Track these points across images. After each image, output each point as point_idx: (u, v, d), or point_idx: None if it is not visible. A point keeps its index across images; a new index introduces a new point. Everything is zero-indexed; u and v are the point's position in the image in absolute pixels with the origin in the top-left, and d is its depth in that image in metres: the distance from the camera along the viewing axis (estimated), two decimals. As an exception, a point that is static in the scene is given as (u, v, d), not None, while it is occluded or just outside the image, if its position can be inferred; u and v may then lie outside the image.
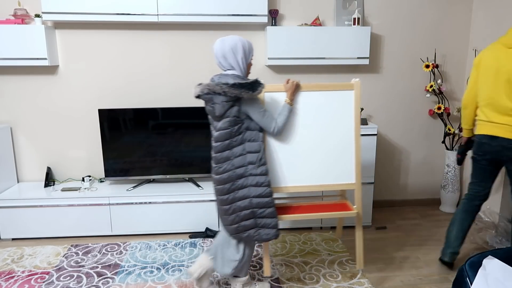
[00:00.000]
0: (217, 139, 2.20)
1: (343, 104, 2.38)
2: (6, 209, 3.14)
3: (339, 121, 2.39)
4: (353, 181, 2.43)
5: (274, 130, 2.23)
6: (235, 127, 2.17)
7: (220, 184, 2.22)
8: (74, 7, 3.05)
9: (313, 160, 2.39)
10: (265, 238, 2.29)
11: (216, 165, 2.22)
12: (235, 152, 2.19)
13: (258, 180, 2.20)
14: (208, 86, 2.13)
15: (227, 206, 2.23)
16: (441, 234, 3.33)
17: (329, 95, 2.37)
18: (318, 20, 3.38)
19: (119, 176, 3.35)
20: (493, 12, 3.38)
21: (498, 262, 1.70)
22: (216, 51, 2.17)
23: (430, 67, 3.51)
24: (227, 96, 2.09)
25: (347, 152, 2.41)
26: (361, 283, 2.59)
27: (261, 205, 2.23)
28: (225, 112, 2.14)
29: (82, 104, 3.44)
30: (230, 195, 2.21)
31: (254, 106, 2.16)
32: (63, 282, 2.61)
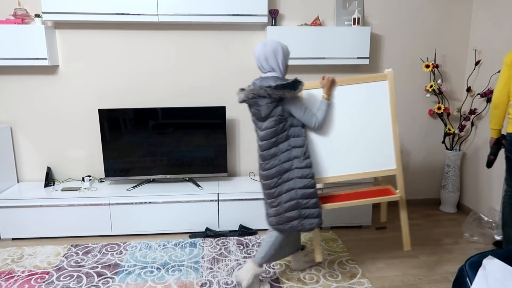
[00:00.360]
0: (263, 138, 2.34)
1: (378, 94, 2.48)
2: (6, 209, 3.14)
3: (376, 110, 2.49)
4: (394, 167, 2.53)
5: (315, 125, 2.36)
6: (280, 125, 2.32)
7: (268, 179, 2.37)
8: (74, 7, 3.05)
9: (353, 149, 2.49)
10: (308, 228, 2.41)
11: (263, 162, 2.38)
12: (281, 148, 2.34)
13: (303, 173, 2.34)
14: (253, 91, 2.27)
15: (273, 199, 2.38)
16: (441, 234, 3.33)
17: (364, 87, 2.47)
18: (318, 20, 3.38)
19: (119, 176, 3.35)
20: (493, 12, 3.38)
21: (498, 262, 1.70)
22: (258, 54, 2.33)
23: (430, 67, 3.51)
24: (271, 97, 2.25)
25: (385, 139, 2.51)
26: (361, 283, 2.59)
27: (306, 196, 2.36)
28: (270, 112, 2.29)
29: (82, 104, 3.44)
30: (277, 188, 2.36)
31: (296, 104, 2.31)
32: (63, 282, 2.61)
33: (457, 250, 3.06)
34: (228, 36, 3.44)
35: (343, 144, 2.49)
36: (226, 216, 3.30)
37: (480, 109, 3.52)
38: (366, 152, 2.50)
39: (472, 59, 3.65)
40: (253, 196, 3.28)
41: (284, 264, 2.81)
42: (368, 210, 3.41)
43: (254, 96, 2.28)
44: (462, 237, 3.27)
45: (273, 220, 2.42)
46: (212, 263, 2.83)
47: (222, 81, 3.52)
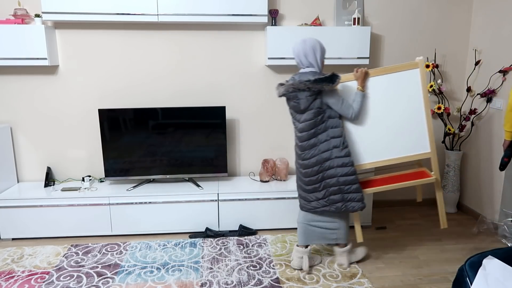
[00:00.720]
0: (302, 130, 2.52)
1: (410, 82, 2.61)
2: (6, 209, 3.14)
3: (408, 97, 2.62)
4: (428, 150, 2.67)
5: (352, 115, 2.53)
6: (319, 117, 2.49)
7: (308, 167, 2.56)
8: (74, 7, 3.05)
9: (389, 136, 2.65)
10: (352, 210, 2.62)
11: (302, 152, 2.56)
12: (320, 138, 2.51)
13: (344, 161, 2.52)
14: (293, 85, 2.43)
15: (317, 185, 2.58)
16: (441, 234, 3.33)
17: (396, 76, 2.61)
18: (318, 20, 3.38)
19: (119, 176, 3.35)
20: (493, 12, 3.38)
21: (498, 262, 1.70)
22: (298, 50, 2.50)
23: (430, 67, 3.50)
24: (311, 91, 2.42)
25: (419, 125, 2.65)
26: (361, 283, 2.59)
27: (347, 183, 2.56)
28: (309, 105, 2.47)
29: (82, 104, 3.44)
30: (320, 175, 2.56)
31: (333, 97, 2.48)
32: (63, 282, 2.61)
33: (457, 250, 3.06)
34: (228, 36, 3.44)
35: (379, 132, 2.65)
36: (226, 216, 3.30)
37: (480, 109, 3.52)
38: (402, 137, 2.66)
39: (472, 59, 3.64)
40: (253, 196, 3.28)
41: (284, 264, 2.81)
42: (368, 210, 3.41)
43: (294, 90, 2.45)
44: (462, 237, 3.27)
45: (319, 203, 2.62)
46: (212, 263, 2.83)
47: (222, 81, 3.52)
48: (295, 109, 2.55)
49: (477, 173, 3.60)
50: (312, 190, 2.61)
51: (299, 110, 2.52)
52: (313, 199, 2.63)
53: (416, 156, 2.68)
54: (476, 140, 3.61)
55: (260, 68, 3.53)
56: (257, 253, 2.98)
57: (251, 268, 2.77)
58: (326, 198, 2.59)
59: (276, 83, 3.55)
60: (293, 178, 3.60)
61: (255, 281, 2.60)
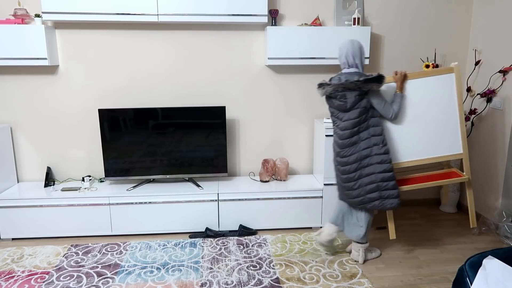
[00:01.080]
0: (345, 128, 2.63)
1: (445, 86, 2.76)
2: (6, 209, 3.14)
3: (444, 100, 2.76)
4: (461, 151, 2.82)
5: (392, 116, 2.67)
6: (363, 116, 2.59)
7: (347, 165, 2.67)
8: (74, 7, 3.05)
9: (424, 137, 2.79)
10: (389, 207, 2.70)
11: (342, 150, 2.67)
12: (362, 136, 2.62)
13: (382, 158, 2.62)
14: (343, 85, 2.54)
15: (353, 183, 2.68)
16: (441, 234, 3.33)
17: (433, 80, 2.76)
18: (318, 20, 3.38)
19: (119, 176, 3.35)
20: (493, 12, 3.38)
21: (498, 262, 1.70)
22: (346, 50, 2.61)
23: (430, 67, 3.50)
24: (360, 90, 2.53)
25: (453, 127, 2.80)
26: (361, 283, 2.59)
27: (385, 179, 2.64)
28: (355, 104, 2.57)
29: (82, 104, 3.44)
30: (357, 173, 2.65)
31: (378, 97, 2.61)
32: (63, 282, 2.61)
33: (457, 250, 3.06)
34: (228, 36, 3.44)
35: (416, 132, 2.78)
36: (226, 216, 3.30)
37: (480, 109, 3.52)
38: (436, 138, 2.80)
39: (472, 59, 3.64)
40: (253, 196, 3.28)
41: (284, 264, 2.81)
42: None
43: (344, 89, 2.55)
44: (462, 237, 3.27)
45: (356, 201, 2.72)
46: (212, 263, 2.83)
47: (222, 81, 3.52)
48: (340, 108, 2.63)
49: (477, 173, 3.60)
50: (349, 187, 2.73)
51: (345, 109, 2.61)
52: (349, 196, 2.75)
53: (449, 157, 2.82)
54: (476, 140, 3.61)
55: (260, 68, 3.53)
56: (257, 253, 2.98)
57: (251, 268, 2.77)
58: (362, 197, 2.68)
59: (276, 83, 3.55)
60: (292, 178, 3.60)
61: (255, 281, 2.60)
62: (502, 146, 3.30)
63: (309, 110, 3.65)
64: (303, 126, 3.67)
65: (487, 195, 3.49)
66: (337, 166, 2.76)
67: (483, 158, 3.52)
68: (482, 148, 3.53)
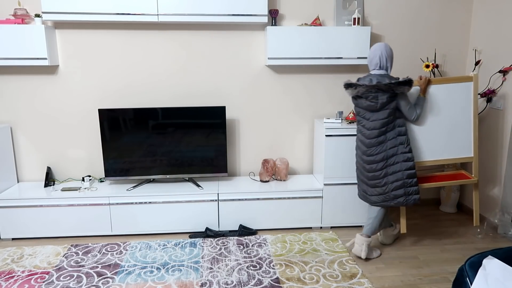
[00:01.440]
0: (373, 127, 2.76)
1: (464, 93, 2.94)
2: (6, 209, 3.14)
3: (461, 106, 2.96)
4: (471, 155, 3.02)
5: (414, 118, 2.82)
6: (391, 117, 2.74)
7: (373, 163, 2.81)
8: (74, 7, 3.05)
9: (441, 139, 2.97)
10: (412, 203, 2.84)
11: (369, 149, 2.81)
12: (389, 136, 2.76)
13: (408, 156, 2.77)
14: (377, 86, 2.66)
15: (379, 180, 2.82)
16: (441, 234, 3.33)
17: (453, 87, 2.94)
18: (318, 20, 3.38)
19: (119, 176, 3.35)
20: (493, 12, 3.38)
21: (498, 262, 1.70)
22: (381, 52, 2.75)
23: (430, 67, 3.50)
24: (393, 92, 2.67)
25: (467, 132, 2.98)
26: (361, 283, 2.59)
27: (410, 176, 2.79)
28: (386, 105, 2.70)
29: (82, 104, 3.44)
30: (383, 171, 2.80)
31: (405, 99, 2.76)
32: (63, 282, 2.61)
33: (457, 250, 3.06)
34: (228, 36, 3.44)
35: (434, 134, 2.96)
36: (226, 216, 3.30)
37: (480, 109, 3.52)
38: (451, 141, 3.00)
39: (472, 59, 3.64)
40: (253, 196, 3.28)
41: (284, 264, 2.81)
42: (368, 210, 3.41)
43: (377, 90, 2.66)
44: (462, 237, 3.27)
45: (378, 198, 2.85)
46: (212, 263, 2.83)
47: (222, 81, 3.52)
48: (370, 108, 2.74)
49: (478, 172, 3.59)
50: (374, 185, 2.84)
51: (374, 109, 2.73)
52: (373, 194, 2.87)
53: (461, 159, 3.01)
54: (476, 140, 3.61)
55: (260, 68, 3.53)
56: (257, 253, 2.98)
57: (251, 268, 2.77)
58: (387, 194, 2.81)
59: (276, 83, 3.55)
60: (292, 178, 3.60)
61: (255, 281, 2.60)
62: (502, 146, 3.30)
63: (309, 110, 3.65)
64: (303, 126, 3.67)
65: (487, 195, 3.49)
66: (362, 164, 2.87)
67: (483, 158, 3.52)
68: (482, 148, 3.53)
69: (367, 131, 2.80)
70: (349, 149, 3.28)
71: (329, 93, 3.63)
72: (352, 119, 3.38)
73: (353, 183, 3.34)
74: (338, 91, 3.63)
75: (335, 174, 3.32)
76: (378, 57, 2.75)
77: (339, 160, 3.30)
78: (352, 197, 3.37)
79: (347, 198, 3.37)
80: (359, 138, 2.88)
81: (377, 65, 2.77)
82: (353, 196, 3.37)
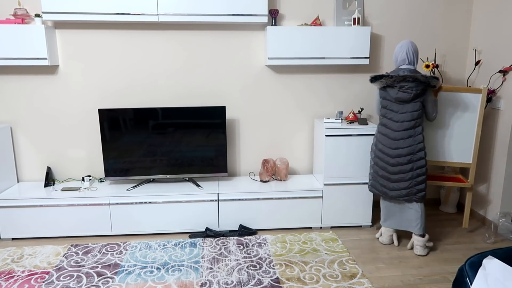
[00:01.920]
0: (403, 119, 2.81)
1: (472, 103, 3.11)
2: (6, 209, 3.14)
3: (467, 115, 3.12)
4: (470, 161, 3.17)
5: (434, 116, 2.94)
6: (420, 110, 2.81)
7: (400, 156, 2.84)
8: (74, 7, 3.05)
9: (445, 142, 3.16)
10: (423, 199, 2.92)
11: (396, 141, 2.83)
12: (418, 130, 2.82)
13: (425, 152, 2.86)
14: (416, 76, 2.72)
15: (405, 174, 2.85)
16: (441, 234, 3.33)
17: (463, 96, 3.11)
18: (318, 20, 3.38)
19: (119, 176, 3.35)
20: (493, 12, 3.38)
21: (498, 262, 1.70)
22: (407, 47, 2.82)
23: (430, 67, 3.50)
24: (428, 85, 2.76)
25: (470, 139, 3.14)
26: (361, 283, 2.59)
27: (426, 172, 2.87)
28: (417, 96, 2.78)
29: (82, 104, 3.44)
30: (410, 165, 2.83)
31: (431, 95, 2.87)
32: (63, 282, 2.61)
33: (457, 250, 3.06)
34: (228, 36, 3.44)
35: (437, 136, 3.16)
36: (226, 216, 3.30)
37: (480, 109, 3.52)
38: (453, 145, 3.17)
39: (472, 59, 3.64)
40: (253, 196, 3.28)
41: (284, 264, 2.81)
42: (368, 210, 3.41)
43: (414, 80, 2.73)
44: (462, 237, 3.27)
45: (401, 192, 2.88)
46: (212, 263, 2.83)
47: (222, 81, 3.52)
48: (402, 99, 2.79)
49: (477, 172, 3.60)
50: (398, 179, 2.87)
51: (406, 99, 2.78)
52: (395, 189, 2.89)
53: (460, 164, 3.18)
54: (476, 140, 3.61)
55: (260, 68, 3.53)
56: (257, 253, 2.98)
57: (251, 268, 2.77)
58: (411, 189, 2.85)
59: (276, 83, 3.55)
60: (292, 178, 3.60)
61: (255, 281, 2.60)
62: (502, 146, 3.30)
63: (309, 110, 3.65)
64: (303, 126, 3.67)
65: (487, 195, 3.49)
66: (386, 159, 2.88)
67: (483, 158, 3.52)
68: (482, 148, 3.53)
69: (395, 124, 2.83)
70: (349, 149, 3.28)
71: (329, 93, 3.63)
72: (352, 119, 3.38)
73: (353, 183, 3.34)
74: (338, 91, 3.64)
75: (335, 174, 3.32)
76: (405, 52, 2.82)
77: (339, 160, 3.30)
78: (352, 197, 3.37)
79: (347, 198, 3.37)
80: (383, 132, 2.90)
81: (405, 61, 2.83)
82: (353, 196, 3.37)
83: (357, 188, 3.36)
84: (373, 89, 3.68)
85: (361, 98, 3.67)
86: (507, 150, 3.23)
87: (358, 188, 3.36)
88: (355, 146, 3.28)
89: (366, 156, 3.30)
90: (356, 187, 3.35)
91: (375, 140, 2.99)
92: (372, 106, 3.69)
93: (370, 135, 3.27)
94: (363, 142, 3.27)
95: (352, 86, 3.64)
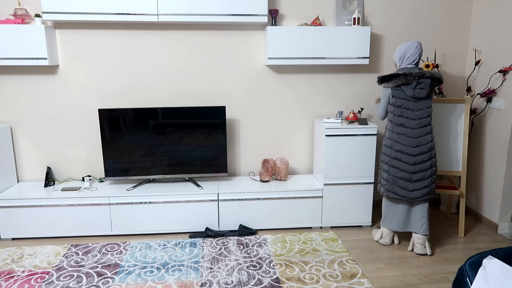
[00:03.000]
0: (421, 116, 2.82)
1: (457, 112, 3.27)
2: (6, 209, 3.14)
3: (453, 124, 3.27)
4: (460, 170, 3.29)
5: None
6: (431, 107, 2.85)
7: (421, 154, 2.83)
8: (74, 7, 3.05)
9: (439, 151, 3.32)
10: None
11: (417, 139, 2.83)
12: (432, 126, 2.85)
13: None
14: (432, 72, 2.75)
15: (425, 172, 2.84)
16: (441, 234, 3.33)
17: (448, 106, 3.29)
18: (318, 20, 3.38)
19: (119, 176, 3.35)
20: (493, 12, 3.38)
21: (498, 262, 1.70)
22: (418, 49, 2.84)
23: (430, 67, 3.50)
24: (440, 81, 2.80)
25: (457, 147, 3.26)
26: (361, 283, 2.59)
27: None
28: (431, 94, 2.83)
29: (82, 104, 3.44)
30: (430, 162, 2.84)
31: None
32: (63, 282, 2.61)
33: (457, 250, 3.06)
34: (228, 36, 3.44)
35: None
36: (226, 216, 3.30)
37: (480, 109, 3.52)
38: (442, 155, 3.30)
39: (472, 59, 3.64)
40: (253, 196, 3.28)
41: (284, 264, 2.81)
42: (368, 210, 3.41)
43: (431, 77, 2.75)
44: (462, 237, 3.27)
45: (422, 192, 2.86)
46: (212, 263, 2.83)
47: (222, 81, 3.52)
48: (418, 95, 2.79)
49: (478, 172, 3.60)
50: (420, 178, 2.85)
51: (422, 96, 2.79)
52: (416, 188, 2.86)
53: (451, 172, 3.29)
54: (476, 140, 3.61)
55: (260, 68, 3.53)
56: (257, 253, 2.98)
57: (251, 268, 2.77)
58: (430, 187, 2.87)
59: (276, 83, 3.55)
60: (292, 178, 3.60)
61: (255, 281, 2.60)
62: (502, 146, 3.30)
63: (309, 110, 3.65)
64: (303, 126, 3.67)
65: (487, 195, 3.49)
66: (407, 158, 2.84)
67: (483, 158, 3.52)
68: (482, 148, 3.53)
69: (413, 122, 2.82)
70: (349, 149, 3.28)
71: (329, 93, 3.63)
72: (352, 119, 3.38)
73: (353, 183, 3.34)
74: (338, 91, 3.64)
75: (335, 174, 3.32)
76: (418, 54, 2.84)
77: (339, 160, 3.30)
78: (352, 197, 3.37)
79: (347, 198, 3.37)
80: (400, 132, 2.85)
81: (414, 61, 2.85)
82: (353, 196, 3.37)
83: (357, 188, 3.36)
84: (373, 89, 3.67)
85: (361, 98, 3.67)
86: (507, 150, 3.23)
87: (358, 188, 3.36)
88: (355, 146, 3.28)
89: (366, 156, 3.30)
90: (356, 187, 3.35)
91: (390, 142, 2.90)
92: (372, 106, 3.69)
93: (370, 135, 3.27)
94: (363, 142, 3.27)
95: (352, 86, 3.64)
